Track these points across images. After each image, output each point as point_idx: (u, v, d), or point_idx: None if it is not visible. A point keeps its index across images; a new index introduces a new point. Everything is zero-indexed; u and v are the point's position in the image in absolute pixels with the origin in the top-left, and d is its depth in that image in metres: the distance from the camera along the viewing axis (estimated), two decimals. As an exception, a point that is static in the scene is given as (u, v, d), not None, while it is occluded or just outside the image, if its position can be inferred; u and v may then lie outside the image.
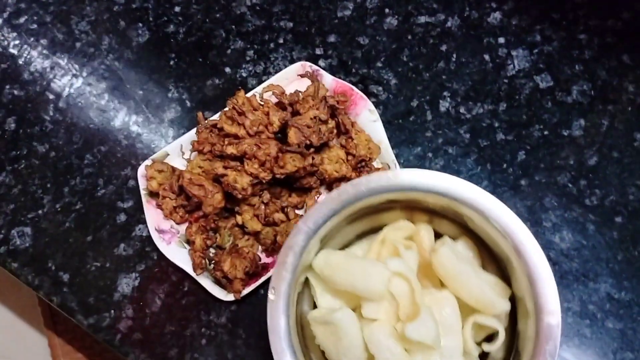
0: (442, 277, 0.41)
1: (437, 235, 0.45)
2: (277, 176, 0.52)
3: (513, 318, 0.41)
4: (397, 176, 0.39)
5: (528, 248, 0.38)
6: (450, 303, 0.40)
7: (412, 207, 0.43)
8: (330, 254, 0.41)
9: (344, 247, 0.47)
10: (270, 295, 0.38)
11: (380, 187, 0.39)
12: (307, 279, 0.43)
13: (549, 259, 0.54)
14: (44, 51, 0.68)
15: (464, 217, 0.41)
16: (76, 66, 0.67)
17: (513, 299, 0.41)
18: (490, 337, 0.42)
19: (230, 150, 0.52)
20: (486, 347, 0.41)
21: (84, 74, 0.67)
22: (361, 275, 0.39)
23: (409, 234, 0.44)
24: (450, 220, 0.44)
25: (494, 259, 0.43)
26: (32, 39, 0.70)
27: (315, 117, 0.53)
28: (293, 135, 0.52)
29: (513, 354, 0.40)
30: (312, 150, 0.53)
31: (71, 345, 0.90)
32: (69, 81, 0.66)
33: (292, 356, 0.37)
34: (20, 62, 0.68)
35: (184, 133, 0.61)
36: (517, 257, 0.38)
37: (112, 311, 0.56)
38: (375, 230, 0.46)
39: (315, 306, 0.44)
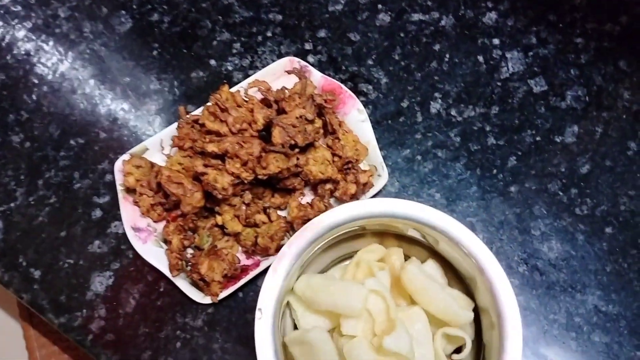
0: (411, 292, 0.43)
1: (407, 259, 0.48)
2: (260, 177, 0.50)
3: (479, 333, 0.44)
4: (374, 205, 0.42)
5: (490, 266, 0.41)
6: (420, 318, 0.42)
7: (383, 233, 0.47)
8: (310, 277, 0.43)
9: (320, 272, 0.49)
10: (258, 315, 0.40)
11: (359, 215, 0.42)
12: (286, 304, 0.45)
13: (537, 268, 0.53)
14: (28, 34, 0.66)
15: (431, 240, 0.45)
16: (57, 56, 0.64)
17: (477, 315, 0.44)
18: (459, 350, 0.45)
19: (212, 148, 0.50)
20: (455, 357, 0.44)
21: (64, 64, 0.64)
22: (341, 294, 0.41)
23: (381, 256, 0.46)
24: (418, 245, 0.47)
25: (459, 279, 0.46)
26: (15, 20, 0.67)
27: (301, 117, 0.51)
28: (277, 135, 0.50)
29: (480, 365, 0.44)
30: (296, 150, 0.51)
31: (47, 337, 0.88)
32: (49, 68, 0.64)
33: None
34: (3, 45, 0.65)
35: (164, 127, 0.59)
36: (481, 275, 0.41)
37: (84, 310, 0.54)
38: (348, 257, 0.49)
39: (296, 328, 0.46)
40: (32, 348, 0.88)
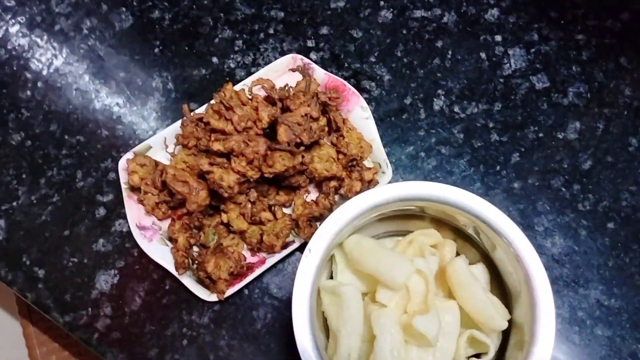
0: (453, 285, 0.43)
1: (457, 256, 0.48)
2: (266, 175, 0.50)
3: (501, 350, 0.44)
4: (441, 189, 0.43)
5: (539, 284, 0.40)
6: (453, 312, 0.42)
7: (441, 222, 0.47)
8: (362, 238, 0.44)
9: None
10: (306, 253, 0.41)
11: (423, 195, 0.43)
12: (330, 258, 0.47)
13: (540, 264, 0.53)
14: (23, 30, 0.65)
15: (488, 245, 0.45)
16: (58, 52, 0.64)
17: (508, 332, 0.44)
18: (477, 357, 0.45)
19: (217, 146, 0.50)
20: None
21: (65, 61, 0.64)
22: (388, 263, 0.41)
23: (435, 242, 0.47)
24: (472, 246, 0.47)
25: (502, 291, 0.45)
26: (9, 16, 0.66)
27: (306, 115, 0.51)
28: (283, 133, 0.50)
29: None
30: (302, 148, 0.51)
31: (47, 334, 0.88)
32: (47, 64, 0.63)
33: (309, 312, 0.39)
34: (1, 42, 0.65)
35: (167, 125, 0.59)
36: (527, 291, 0.40)
37: (90, 309, 0.54)
38: (402, 234, 0.49)
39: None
40: (32, 345, 0.88)
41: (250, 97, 0.54)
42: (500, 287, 0.45)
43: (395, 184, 0.43)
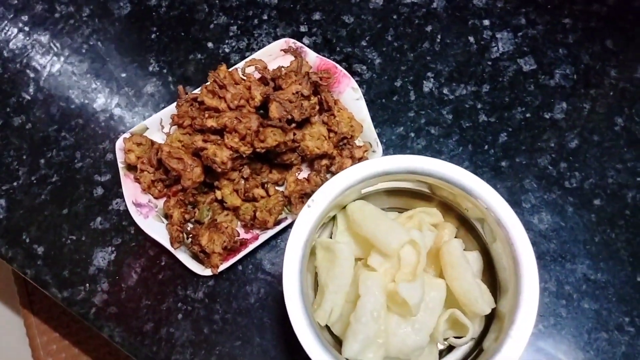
0: (445, 264, 0.44)
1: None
2: (258, 150, 0.51)
3: (479, 340, 0.45)
4: (452, 169, 0.43)
5: (527, 274, 0.41)
6: (439, 289, 0.43)
7: (448, 207, 0.47)
8: (366, 204, 0.46)
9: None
10: (309, 204, 0.42)
11: (434, 171, 0.43)
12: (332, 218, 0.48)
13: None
14: (25, 27, 0.67)
15: (489, 237, 0.45)
16: (57, 43, 0.66)
17: (489, 324, 0.44)
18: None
19: (211, 123, 0.51)
20: (452, 340, 0.45)
21: (65, 49, 0.65)
22: (385, 229, 0.42)
23: (435, 222, 0.47)
24: (475, 237, 0.47)
25: (494, 284, 0.46)
26: (11, 14, 0.68)
27: (297, 92, 0.53)
28: (274, 110, 0.51)
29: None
30: (293, 125, 0.53)
31: (47, 324, 0.89)
32: (50, 57, 0.65)
33: (301, 259, 0.41)
34: (4, 28, 0.67)
35: (164, 107, 0.60)
36: (516, 283, 0.41)
37: (87, 285, 0.55)
38: (406, 210, 0.49)
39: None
40: (33, 335, 0.89)
41: (243, 77, 0.56)
42: (492, 281, 0.46)
43: (409, 155, 0.44)
